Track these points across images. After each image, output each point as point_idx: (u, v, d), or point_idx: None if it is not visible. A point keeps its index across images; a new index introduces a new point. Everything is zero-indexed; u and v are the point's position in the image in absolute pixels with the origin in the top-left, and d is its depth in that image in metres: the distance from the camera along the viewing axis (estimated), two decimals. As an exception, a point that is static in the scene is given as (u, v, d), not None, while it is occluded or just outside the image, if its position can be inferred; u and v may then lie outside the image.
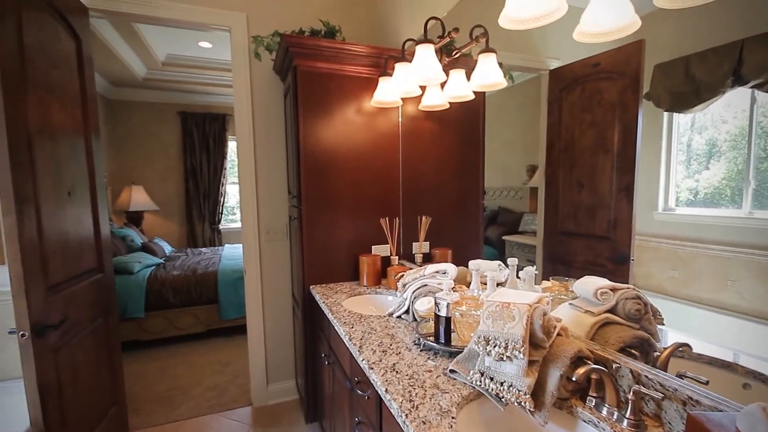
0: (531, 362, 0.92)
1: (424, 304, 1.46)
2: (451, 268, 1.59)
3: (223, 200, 5.62)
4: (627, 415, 0.86)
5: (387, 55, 1.98)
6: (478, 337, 0.98)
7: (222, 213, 5.63)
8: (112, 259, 2.13)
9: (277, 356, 2.61)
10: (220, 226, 5.64)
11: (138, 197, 4.91)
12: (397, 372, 1.12)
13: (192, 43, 3.83)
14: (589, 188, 1.19)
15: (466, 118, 1.92)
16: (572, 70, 1.23)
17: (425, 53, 1.54)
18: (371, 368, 1.14)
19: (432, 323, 1.35)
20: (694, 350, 0.88)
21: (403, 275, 1.69)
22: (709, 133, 0.90)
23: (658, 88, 0.98)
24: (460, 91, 1.65)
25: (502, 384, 0.93)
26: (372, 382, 1.13)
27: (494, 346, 0.94)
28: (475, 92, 1.63)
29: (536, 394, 0.91)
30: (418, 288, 1.55)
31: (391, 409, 0.98)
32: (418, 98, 1.88)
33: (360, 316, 1.60)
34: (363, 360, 1.21)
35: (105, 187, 2.17)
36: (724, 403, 0.76)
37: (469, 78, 1.57)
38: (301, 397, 2.48)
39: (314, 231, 2.07)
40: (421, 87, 1.77)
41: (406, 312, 1.56)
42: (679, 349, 0.90)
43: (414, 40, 1.60)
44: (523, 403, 0.88)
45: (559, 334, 0.99)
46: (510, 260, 1.32)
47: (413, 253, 2.12)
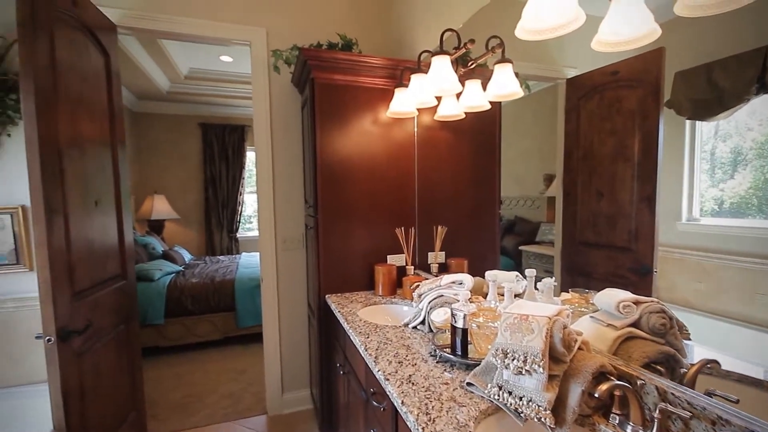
0: (551, 377, 0.90)
1: (440, 315, 1.45)
2: (468, 279, 1.58)
3: (241, 209, 5.73)
4: (652, 434, 0.83)
5: (403, 66, 2.01)
6: (496, 350, 0.96)
7: (239, 222, 5.73)
8: (135, 267, 2.19)
9: (292, 365, 2.61)
10: (238, 235, 5.74)
11: (160, 206, 5.05)
12: (413, 384, 1.11)
13: (213, 57, 3.96)
14: (608, 197, 1.17)
15: (482, 127, 1.92)
16: (590, 79, 1.22)
17: (441, 64, 1.56)
18: (387, 379, 1.14)
19: (448, 334, 1.34)
20: (723, 367, 0.84)
21: (419, 285, 1.68)
22: (733, 141, 0.87)
23: (680, 96, 0.96)
24: (476, 101, 1.65)
25: (521, 399, 0.91)
26: (388, 393, 1.12)
27: (513, 360, 0.92)
28: (491, 102, 1.63)
29: (557, 409, 0.88)
30: (434, 298, 1.54)
31: (408, 422, 0.97)
32: (434, 108, 1.89)
33: (375, 326, 1.59)
34: (379, 371, 1.20)
35: (129, 197, 2.25)
36: (755, 424, 0.72)
37: (485, 88, 1.57)
38: (315, 406, 2.47)
39: (330, 240, 2.08)
40: (436, 97, 1.78)
41: (422, 322, 1.55)
42: (707, 366, 0.87)
43: (430, 51, 1.62)
44: (543, 419, 0.86)
45: (580, 348, 0.96)
46: (528, 271, 1.30)
47: (429, 262, 2.11)
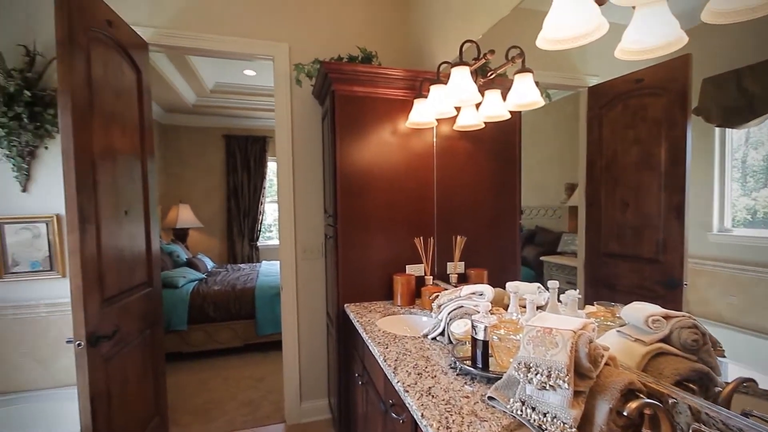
0: (577, 393, 0.87)
1: (460, 327, 1.43)
2: (488, 290, 1.56)
3: (262, 218, 5.84)
4: (686, 456, 0.79)
5: (422, 77, 2.02)
6: (518, 364, 0.94)
7: (260, 230, 5.84)
8: (160, 274, 2.26)
9: (310, 374, 2.62)
10: (258, 243, 5.84)
11: (185, 215, 5.20)
12: (433, 396, 1.09)
13: (237, 71, 4.09)
14: (634, 207, 1.14)
15: (502, 136, 1.91)
16: (613, 87, 1.20)
17: (460, 75, 1.56)
18: (406, 391, 1.13)
19: (468, 346, 1.32)
20: (760, 386, 0.80)
21: (438, 296, 1.67)
22: (765, 149, 0.84)
23: (708, 103, 0.93)
24: (496, 111, 1.65)
25: (545, 415, 0.88)
26: (407, 405, 1.11)
27: (536, 374, 0.90)
28: (511, 111, 1.62)
29: (583, 427, 0.85)
30: (454, 309, 1.52)
31: (427, 435, 0.96)
32: (453, 119, 1.89)
33: (394, 336, 1.59)
34: (398, 382, 1.19)
35: (157, 206, 2.33)
36: (800, 448, 0.68)
37: (504, 98, 1.57)
38: (333, 416, 2.46)
39: (349, 250, 2.10)
40: (456, 108, 1.79)
41: (441, 334, 1.53)
42: (744, 385, 0.82)
43: (449, 62, 1.62)
44: (568, 436, 0.83)
45: (606, 364, 0.93)
46: (550, 283, 1.27)
47: (448, 273, 2.09)
